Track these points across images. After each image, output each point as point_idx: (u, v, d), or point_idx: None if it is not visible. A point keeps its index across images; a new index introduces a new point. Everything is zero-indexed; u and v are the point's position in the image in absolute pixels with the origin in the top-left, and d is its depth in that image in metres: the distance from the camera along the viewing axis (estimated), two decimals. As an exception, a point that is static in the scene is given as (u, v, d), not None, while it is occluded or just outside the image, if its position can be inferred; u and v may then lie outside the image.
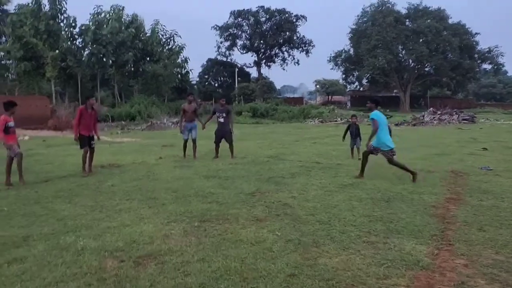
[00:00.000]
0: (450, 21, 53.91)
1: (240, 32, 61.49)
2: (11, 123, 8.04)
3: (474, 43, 53.68)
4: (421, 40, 51.35)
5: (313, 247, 4.43)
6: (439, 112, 31.42)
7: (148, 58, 41.20)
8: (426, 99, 60.10)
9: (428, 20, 51.57)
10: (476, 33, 53.88)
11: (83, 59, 34.93)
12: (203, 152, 12.37)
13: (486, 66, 58.00)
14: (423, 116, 31.63)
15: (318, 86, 72.21)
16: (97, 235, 4.90)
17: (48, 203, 6.50)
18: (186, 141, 11.44)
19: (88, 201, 6.54)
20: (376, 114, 8.07)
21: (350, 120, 12.23)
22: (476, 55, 54.47)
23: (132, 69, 40.11)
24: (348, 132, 11.38)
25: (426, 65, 54.68)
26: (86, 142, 9.12)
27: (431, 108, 34.37)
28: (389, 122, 11.58)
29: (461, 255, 4.16)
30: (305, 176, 8.48)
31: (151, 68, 39.53)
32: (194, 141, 11.40)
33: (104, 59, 35.85)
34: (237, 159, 10.97)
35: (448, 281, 3.58)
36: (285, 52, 63.29)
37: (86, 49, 35.98)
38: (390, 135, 8.87)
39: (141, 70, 40.01)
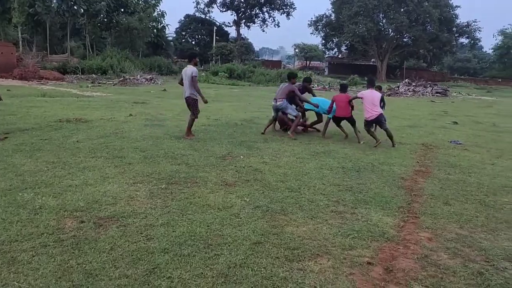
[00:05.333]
0: (432, -9, 53.62)
1: (220, -11, 59.43)
2: None
3: (454, 16, 53.69)
4: (402, 10, 50.95)
5: (281, 214, 4.37)
6: (413, 84, 31.68)
7: (122, 10, 39.38)
8: (403, 69, 60.54)
9: (411, -10, 51.06)
10: (457, 6, 53.91)
11: (53, 5, 33.01)
12: (176, 112, 12.09)
13: (463, 40, 58.54)
14: (398, 87, 31.87)
15: (297, 50, 71.36)
16: (57, 194, 4.69)
17: (7, 157, 6.17)
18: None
19: (50, 157, 6.25)
20: None
21: None
22: (454, 29, 54.67)
23: (105, 20, 38.32)
24: None
25: (405, 35, 54.63)
26: None
27: (407, 80, 34.57)
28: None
29: (426, 228, 4.19)
30: (278, 142, 8.38)
31: (125, 20, 37.89)
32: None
33: (75, 7, 34.03)
34: (210, 121, 10.75)
35: (411, 254, 3.60)
36: (266, 13, 61.95)
37: (56, -5, 34.02)
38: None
39: (114, 21, 38.24)
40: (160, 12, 44.33)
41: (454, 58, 73.11)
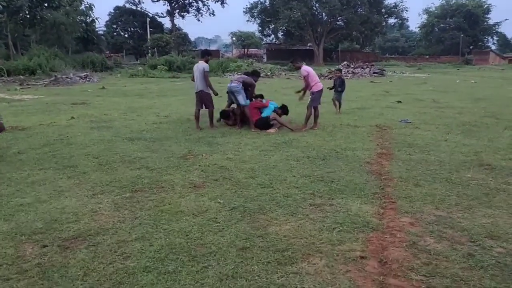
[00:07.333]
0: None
1: (150, -22, 57.27)
2: None
3: (382, -3, 56.02)
4: (333, -6, 52.14)
5: (260, 214, 4.19)
6: (352, 66, 32.63)
7: (46, 4, 36.59)
8: (338, 52, 62.29)
9: (341, -27, 52.32)
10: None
11: (-35, 2, 30.01)
12: (122, 111, 11.46)
13: (392, 20, 61.30)
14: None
15: (234, 38, 70.79)
16: (8, 215, 4.18)
17: None
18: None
19: (-10, 174, 5.59)
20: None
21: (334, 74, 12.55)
22: (383, 10, 57.04)
23: (28, 16, 35.44)
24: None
25: (338, 18, 56.12)
26: None
27: (345, 62, 35.56)
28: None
29: (405, 212, 4.21)
30: (236, 135, 8.16)
31: (50, 15, 35.28)
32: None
33: (-8, 4, 31.14)
34: (160, 118, 10.28)
35: (399, 242, 3.57)
36: (200, 2, 60.66)
37: (-32, -9, 30.87)
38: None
39: (38, 17, 35.44)
40: (88, 5, 41.82)
41: (384, 39, 76.46)
